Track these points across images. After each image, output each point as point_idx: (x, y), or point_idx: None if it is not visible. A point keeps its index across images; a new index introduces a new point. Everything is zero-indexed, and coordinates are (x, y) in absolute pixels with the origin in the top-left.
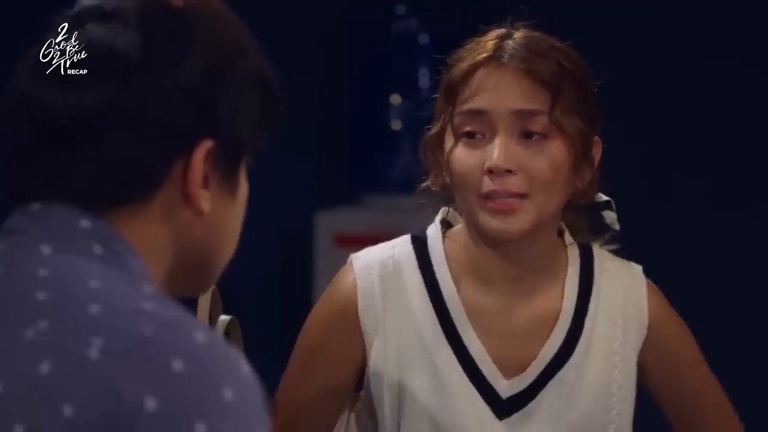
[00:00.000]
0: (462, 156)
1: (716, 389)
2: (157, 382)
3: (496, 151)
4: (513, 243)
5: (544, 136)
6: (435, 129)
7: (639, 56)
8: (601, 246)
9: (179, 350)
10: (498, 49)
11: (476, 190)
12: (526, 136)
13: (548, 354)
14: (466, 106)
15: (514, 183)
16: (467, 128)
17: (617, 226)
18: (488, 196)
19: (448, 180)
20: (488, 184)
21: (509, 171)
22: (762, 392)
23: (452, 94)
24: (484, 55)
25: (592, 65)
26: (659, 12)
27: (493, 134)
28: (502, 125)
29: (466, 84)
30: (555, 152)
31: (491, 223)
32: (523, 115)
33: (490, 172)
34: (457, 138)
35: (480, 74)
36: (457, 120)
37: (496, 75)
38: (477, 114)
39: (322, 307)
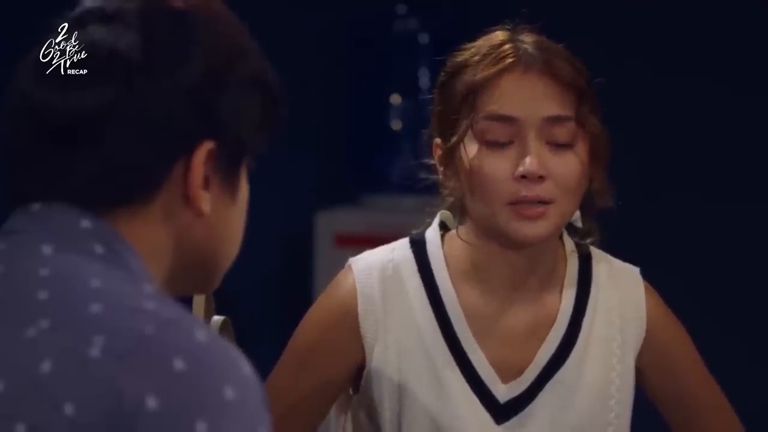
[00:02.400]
0: (491, 163)
1: (714, 390)
2: (158, 380)
3: (529, 158)
4: (527, 248)
5: (571, 141)
6: (456, 136)
7: (636, 58)
8: (583, 243)
9: (180, 349)
10: (518, 52)
11: (506, 197)
12: (554, 142)
13: (544, 357)
14: (494, 113)
15: (543, 189)
16: (495, 135)
17: (579, 224)
18: (517, 203)
19: (464, 186)
20: (518, 190)
21: (541, 177)
22: (761, 393)
23: (472, 99)
24: (509, 60)
25: (588, 67)
26: (659, 13)
27: (522, 140)
28: (532, 131)
29: (490, 89)
30: (581, 157)
31: (520, 229)
32: (553, 121)
33: (522, 178)
34: (482, 145)
35: (506, 80)
36: (480, 126)
37: (523, 81)
38: (506, 120)
39: (321, 309)
